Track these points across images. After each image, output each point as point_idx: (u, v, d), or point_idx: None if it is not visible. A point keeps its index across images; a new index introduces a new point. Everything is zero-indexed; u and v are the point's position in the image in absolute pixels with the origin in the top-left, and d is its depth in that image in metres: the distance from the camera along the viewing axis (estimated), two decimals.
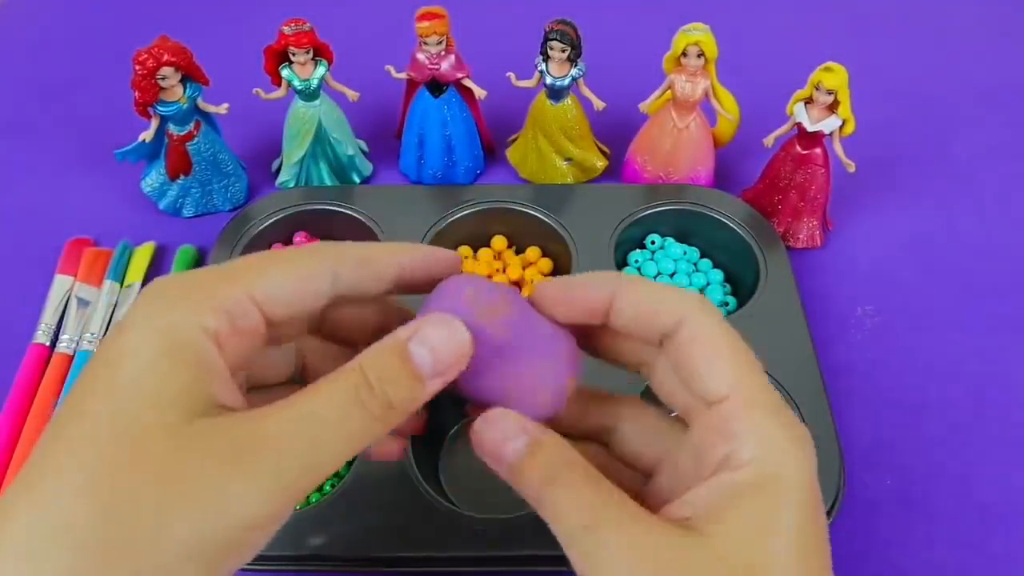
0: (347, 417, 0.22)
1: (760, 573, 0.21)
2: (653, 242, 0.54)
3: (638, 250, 0.54)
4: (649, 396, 0.29)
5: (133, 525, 0.19)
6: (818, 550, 0.22)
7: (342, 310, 0.28)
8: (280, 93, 0.54)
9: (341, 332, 0.29)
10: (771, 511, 0.22)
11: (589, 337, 0.27)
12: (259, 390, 0.27)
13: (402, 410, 0.23)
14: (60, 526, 0.19)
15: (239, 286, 0.23)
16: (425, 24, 0.51)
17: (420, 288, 0.27)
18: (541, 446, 0.24)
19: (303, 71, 0.53)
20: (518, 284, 0.52)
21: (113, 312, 0.51)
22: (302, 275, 0.24)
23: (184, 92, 0.52)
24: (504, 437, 0.24)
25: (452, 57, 0.53)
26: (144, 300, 0.23)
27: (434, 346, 0.23)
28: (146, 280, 0.53)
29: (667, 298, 0.25)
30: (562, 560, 0.23)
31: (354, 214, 0.53)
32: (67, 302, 0.51)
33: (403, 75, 0.55)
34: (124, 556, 0.19)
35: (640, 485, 0.27)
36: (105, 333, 0.49)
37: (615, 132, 0.60)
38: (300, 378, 0.29)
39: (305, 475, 0.21)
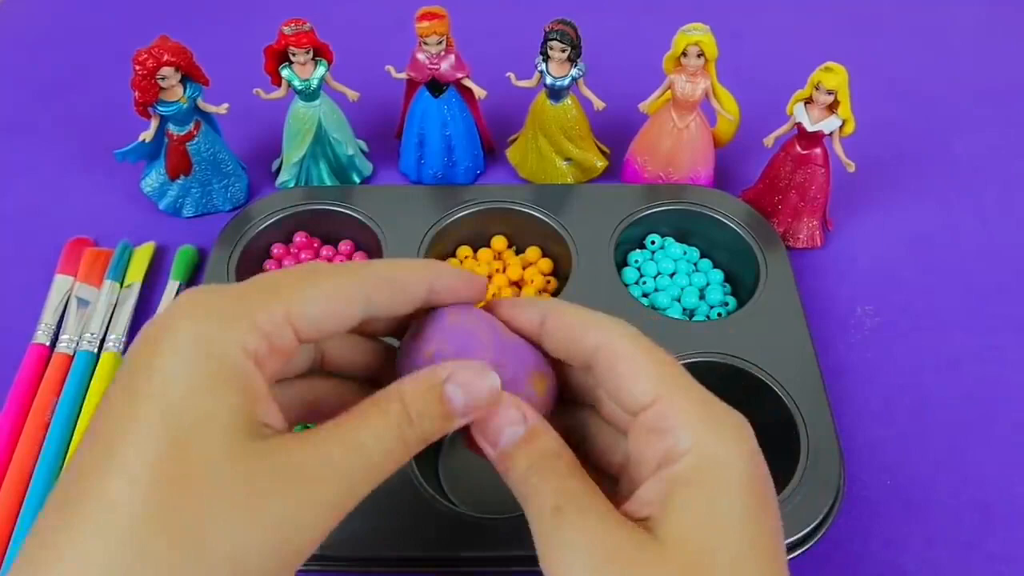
0: (392, 449, 0.24)
1: (709, 558, 0.22)
2: (653, 242, 0.54)
3: (638, 250, 0.54)
4: None
5: (202, 548, 0.20)
6: (767, 528, 0.23)
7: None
8: (280, 93, 0.54)
9: (364, 328, 0.29)
10: (714, 495, 0.23)
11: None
12: (279, 384, 0.28)
13: (431, 441, 0.25)
14: (131, 552, 0.19)
15: (278, 308, 0.23)
16: (425, 24, 0.51)
17: (443, 304, 0.28)
18: (536, 436, 0.25)
19: (303, 71, 0.53)
20: (518, 284, 0.52)
21: (113, 312, 0.51)
22: (337, 300, 0.24)
23: (184, 92, 0.52)
24: (504, 423, 0.25)
25: (452, 57, 0.53)
26: (185, 311, 0.22)
27: (468, 391, 0.25)
28: (146, 280, 0.53)
29: (587, 322, 0.27)
30: None
31: (354, 214, 0.53)
32: (67, 302, 0.51)
33: (403, 75, 0.55)
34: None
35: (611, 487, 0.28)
36: (105, 333, 0.49)
37: (615, 132, 0.60)
38: (320, 368, 0.29)
39: (351, 500, 0.23)
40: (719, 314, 0.50)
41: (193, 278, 0.53)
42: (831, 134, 0.51)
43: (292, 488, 0.21)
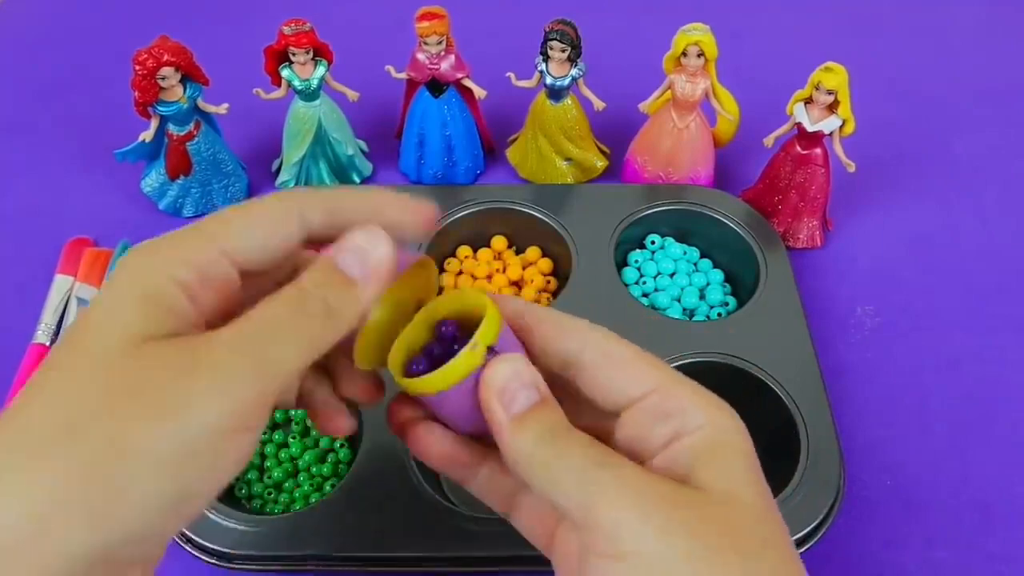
0: (290, 318, 0.23)
1: (739, 502, 0.24)
2: (653, 242, 0.54)
3: (638, 250, 0.54)
4: None
5: (99, 440, 0.20)
6: (768, 491, 0.25)
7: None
8: (280, 93, 0.54)
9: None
10: (732, 458, 0.25)
11: None
12: None
13: (343, 313, 0.24)
14: (34, 445, 0.20)
15: (207, 242, 0.24)
16: (425, 24, 0.51)
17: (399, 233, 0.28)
18: (548, 405, 0.26)
19: (303, 71, 0.53)
20: (518, 284, 0.52)
21: None
22: (268, 221, 0.25)
23: (184, 92, 0.52)
24: (520, 386, 0.25)
25: (452, 57, 0.53)
26: (125, 258, 0.24)
27: (359, 252, 0.25)
28: None
29: (568, 324, 0.27)
30: None
31: None
32: (67, 302, 0.51)
33: (403, 75, 0.55)
34: (95, 469, 0.20)
35: None
36: None
37: (615, 132, 0.60)
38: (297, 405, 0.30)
39: (260, 376, 0.22)
40: (719, 314, 0.50)
41: None
42: (831, 134, 0.51)
43: (184, 375, 0.21)
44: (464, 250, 0.54)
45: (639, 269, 0.53)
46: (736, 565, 0.22)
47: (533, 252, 0.54)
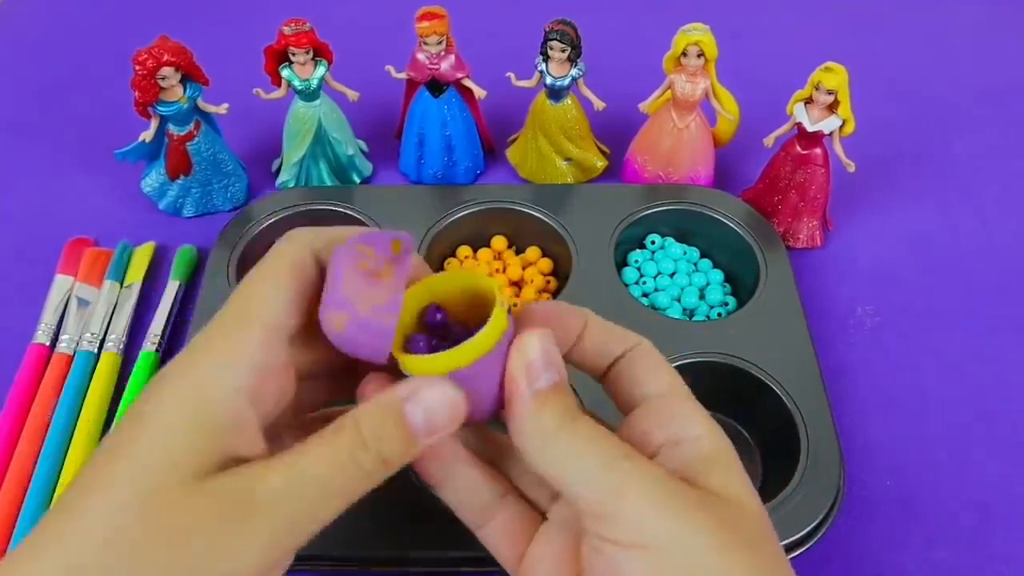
0: (340, 475, 0.23)
1: (740, 504, 0.25)
2: (653, 242, 0.54)
3: (638, 250, 0.54)
4: None
5: None
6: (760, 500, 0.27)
7: None
8: (280, 93, 0.54)
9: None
10: (730, 468, 0.26)
11: None
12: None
13: (395, 466, 0.24)
14: None
15: (260, 332, 0.24)
16: (425, 24, 0.51)
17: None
18: (566, 388, 0.26)
19: (303, 71, 0.53)
20: (518, 284, 0.52)
21: (113, 312, 0.50)
22: (290, 276, 0.25)
23: (184, 92, 0.52)
24: (543, 364, 0.25)
25: (452, 57, 0.53)
26: (181, 359, 0.24)
27: (428, 408, 0.24)
28: (146, 280, 0.53)
29: (622, 331, 0.29)
30: None
31: (354, 214, 0.53)
32: (67, 302, 0.51)
33: (403, 75, 0.55)
34: None
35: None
36: (105, 334, 0.49)
37: (615, 132, 0.60)
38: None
39: (296, 532, 0.23)
40: (719, 314, 0.50)
41: (193, 278, 0.53)
42: (831, 134, 0.51)
43: (225, 525, 0.21)
44: (464, 250, 0.54)
45: (639, 269, 0.53)
46: (747, 561, 0.24)
47: (533, 252, 0.54)
